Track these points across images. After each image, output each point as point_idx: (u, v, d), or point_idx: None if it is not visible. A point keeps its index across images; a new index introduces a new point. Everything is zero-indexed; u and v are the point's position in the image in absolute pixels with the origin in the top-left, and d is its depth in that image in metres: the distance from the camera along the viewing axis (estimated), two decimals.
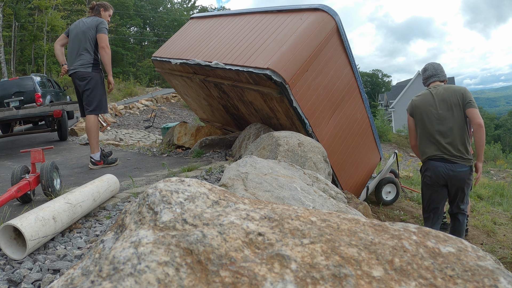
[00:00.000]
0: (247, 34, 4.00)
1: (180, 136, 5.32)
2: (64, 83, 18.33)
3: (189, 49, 4.72)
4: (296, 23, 3.60)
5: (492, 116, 53.40)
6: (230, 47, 3.97)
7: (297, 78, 3.33)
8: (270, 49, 3.46)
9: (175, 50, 5.08)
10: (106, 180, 2.33)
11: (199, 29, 5.16)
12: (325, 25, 3.55)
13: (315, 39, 3.47)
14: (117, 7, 29.20)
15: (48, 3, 19.03)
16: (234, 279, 0.67)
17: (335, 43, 3.67)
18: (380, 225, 0.84)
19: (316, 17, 3.57)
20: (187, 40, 5.09)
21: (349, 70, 3.89)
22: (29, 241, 1.42)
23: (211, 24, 4.99)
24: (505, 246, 3.84)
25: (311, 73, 3.48)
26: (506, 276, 0.67)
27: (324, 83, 3.63)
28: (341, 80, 3.83)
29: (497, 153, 19.10)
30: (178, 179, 1.01)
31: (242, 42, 3.90)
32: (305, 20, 3.56)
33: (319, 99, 3.59)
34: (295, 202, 1.68)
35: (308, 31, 3.47)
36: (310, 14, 3.64)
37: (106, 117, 13.25)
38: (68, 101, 9.18)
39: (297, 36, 3.43)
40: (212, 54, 4.10)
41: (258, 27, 3.98)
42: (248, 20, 4.33)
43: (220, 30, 4.57)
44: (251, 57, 3.55)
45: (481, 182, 8.14)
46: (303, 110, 3.41)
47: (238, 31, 4.20)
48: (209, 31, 4.81)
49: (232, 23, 4.54)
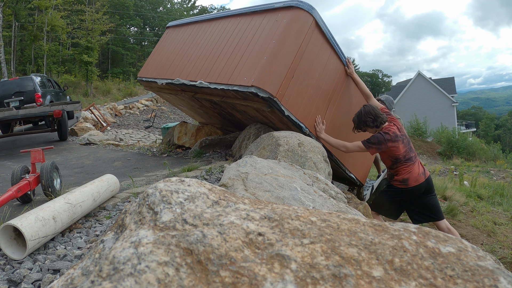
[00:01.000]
0: (226, 44, 3.86)
1: (180, 136, 5.33)
2: (64, 83, 18.36)
3: (172, 65, 4.60)
4: (273, 27, 3.43)
5: (492, 116, 53.40)
6: (212, 61, 3.86)
7: (284, 88, 3.21)
8: (251, 61, 3.33)
9: (158, 66, 4.93)
10: (106, 180, 2.33)
11: (178, 40, 4.98)
12: (303, 23, 3.36)
13: (295, 42, 3.30)
14: (117, 7, 29.20)
15: (48, 3, 19.02)
16: (234, 279, 0.67)
17: (317, 38, 3.49)
18: (380, 225, 0.84)
19: (292, 16, 3.36)
20: (169, 53, 4.93)
21: (335, 59, 3.73)
22: (29, 241, 1.42)
23: (189, 33, 4.81)
24: (505, 246, 3.84)
25: (298, 77, 3.34)
26: (506, 276, 0.67)
27: (313, 83, 3.52)
28: (329, 72, 3.70)
29: (497, 153, 19.10)
30: (178, 179, 1.01)
31: (222, 54, 3.78)
32: (281, 22, 3.38)
33: (311, 99, 3.51)
34: (295, 202, 1.68)
35: (286, 34, 3.29)
36: (285, 13, 3.42)
37: (106, 117, 13.24)
38: (68, 101, 9.19)
39: (276, 43, 3.27)
40: (195, 71, 4.00)
41: (236, 33, 3.84)
42: (224, 26, 4.17)
43: (199, 41, 4.44)
44: (234, 72, 3.43)
45: (481, 182, 8.14)
46: (297, 116, 3.36)
47: (217, 40, 4.06)
48: (188, 42, 4.66)
49: (209, 31, 4.38)
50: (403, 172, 2.94)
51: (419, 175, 2.94)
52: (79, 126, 9.86)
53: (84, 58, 20.82)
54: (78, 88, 20.69)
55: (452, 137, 19.44)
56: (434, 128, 22.56)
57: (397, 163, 2.96)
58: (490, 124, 47.35)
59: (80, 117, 11.63)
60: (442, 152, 18.98)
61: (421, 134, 23.04)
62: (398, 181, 2.98)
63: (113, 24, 25.15)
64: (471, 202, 5.61)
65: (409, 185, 2.93)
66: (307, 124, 3.47)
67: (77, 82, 21.53)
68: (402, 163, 2.94)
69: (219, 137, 4.79)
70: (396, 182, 3.00)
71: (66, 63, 24.03)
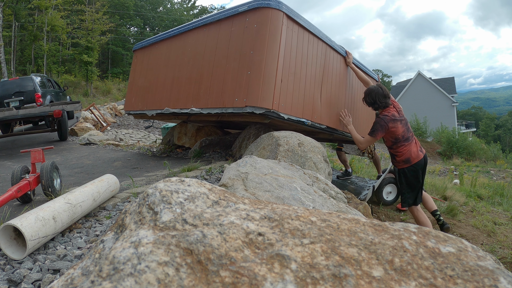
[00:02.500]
0: (203, 62, 3.68)
1: (180, 136, 5.32)
2: (64, 83, 18.36)
3: (156, 93, 4.42)
4: (245, 35, 3.25)
5: (492, 116, 53.43)
6: (196, 84, 3.71)
7: (278, 96, 3.13)
8: (236, 79, 3.21)
9: (143, 97, 4.74)
10: (106, 180, 2.33)
11: (152, 64, 4.69)
12: (275, 22, 3.16)
13: (273, 45, 3.14)
14: (117, 7, 29.19)
15: (48, 3, 19.02)
16: (234, 279, 0.67)
17: (294, 30, 3.34)
18: (380, 225, 0.84)
19: (261, 19, 3.18)
20: (148, 81, 4.70)
21: (316, 41, 3.64)
22: (29, 241, 1.42)
23: (160, 55, 4.53)
24: (505, 246, 3.84)
25: (287, 78, 3.25)
26: (506, 276, 0.67)
27: (303, 73, 3.43)
28: (315, 56, 3.61)
29: (497, 153, 19.11)
30: (178, 179, 1.01)
31: (205, 75, 3.61)
32: (252, 28, 3.21)
33: (305, 91, 3.47)
34: (295, 202, 1.68)
35: (262, 41, 3.13)
36: (254, 17, 3.24)
37: (106, 117, 13.25)
38: (68, 101, 9.19)
39: (255, 53, 3.11)
40: (183, 97, 3.87)
41: (209, 48, 3.63)
42: (194, 40, 3.92)
43: (173, 62, 4.22)
44: (222, 93, 3.32)
45: (481, 182, 8.14)
46: (297, 115, 3.35)
47: (192, 59, 3.86)
48: (163, 65, 4.41)
49: (181, 49, 4.13)
50: (404, 151, 3.30)
51: (418, 152, 3.33)
52: (79, 126, 9.85)
53: (84, 58, 20.83)
54: (78, 88, 20.71)
55: (452, 137, 19.46)
56: (434, 128, 22.56)
57: (397, 143, 3.30)
58: (490, 124, 47.37)
59: (80, 117, 11.63)
60: (442, 152, 18.99)
61: (421, 134, 23.04)
62: (402, 161, 3.33)
63: (113, 24, 25.16)
64: (471, 202, 5.61)
65: (412, 163, 3.30)
66: (308, 116, 3.48)
67: (77, 82, 21.54)
68: (401, 143, 3.29)
69: (219, 137, 4.79)
70: (401, 164, 3.35)
71: (66, 63, 24.03)
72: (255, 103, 3.06)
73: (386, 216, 4.44)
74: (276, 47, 3.16)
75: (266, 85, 3.10)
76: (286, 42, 3.23)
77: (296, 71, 3.38)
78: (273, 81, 3.13)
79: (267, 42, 3.14)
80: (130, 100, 5.13)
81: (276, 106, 3.13)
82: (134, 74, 5.15)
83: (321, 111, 3.74)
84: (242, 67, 3.21)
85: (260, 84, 3.09)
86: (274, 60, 3.14)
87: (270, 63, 3.13)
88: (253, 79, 3.11)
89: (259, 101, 3.05)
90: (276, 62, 3.15)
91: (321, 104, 3.70)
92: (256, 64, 3.12)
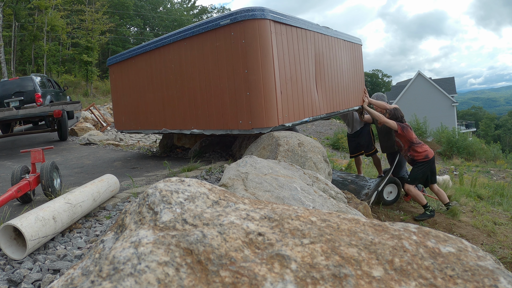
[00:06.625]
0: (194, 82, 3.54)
1: (180, 137, 5.32)
2: (64, 83, 18.35)
3: (150, 114, 4.25)
4: (235, 53, 3.10)
5: (492, 116, 53.42)
6: (192, 105, 3.59)
7: (280, 110, 3.09)
8: (235, 101, 3.13)
9: (135, 117, 4.58)
10: (106, 180, 2.33)
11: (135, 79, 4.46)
12: (263, 34, 3.03)
13: (267, 59, 3.04)
14: (117, 7, 29.19)
15: (48, 3, 19.03)
16: (234, 279, 0.67)
17: (283, 33, 3.24)
18: (380, 225, 0.84)
19: (249, 34, 3.02)
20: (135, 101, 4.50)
21: (306, 32, 3.58)
22: (29, 241, 1.42)
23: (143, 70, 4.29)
24: (505, 246, 3.84)
25: (285, 86, 3.20)
26: (506, 276, 0.67)
27: (299, 72, 3.41)
28: (307, 49, 3.59)
29: (497, 153, 19.10)
30: (178, 179, 1.01)
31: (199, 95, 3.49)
32: (241, 45, 3.07)
33: (303, 90, 3.48)
34: (295, 202, 1.68)
35: (255, 58, 3.02)
36: (239, 31, 3.07)
37: (106, 117, 13.24)
38: (68, 101, 9.19)
39: (250, 71, 3.01)
40: (179, 118, 3.77)
41: (198, 66, 3.48)
42: (177, 56, 3.73)
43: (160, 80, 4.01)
44: (224, 115, 3.25)
45: (481, 182, 8.14)
46: (299, 118, 3.36)
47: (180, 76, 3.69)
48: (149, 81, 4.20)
49: (163, 65, 3.93)
50: (421, 150, 4.23)
51: (430, 149, 4.31)
52: (79, 126, 9.85)
53: (84, 58, 20.83)
54: (78, 88, 20.69)
55: (452, 137, 19.44)
56: (434, 128, 22.55)
57: (412, 145, 4.26)
58: (490, 124, 47.36)
59: (80, 117, 11.63)
60: (442, 152, 18.98)
61: (421, 134, 23.04)
62: (423, 156, 4.22)
63: (113, 24, 25.15)
64: (471, 202, 5.61)
65: (430, 157, 4.24)
66: (308, 114, 3.55)
67: (77, 82, 21.52)
68: (415, 145, 4.26)
69: (219, 137, 4.79)
70: (421, 158, 4.22)
71: (66, 63, 24.02)
72: (261, 124, 3.05)
73: (386, 216, 4.43)
74: (270, 61, 3.05)
75: (269, 103, 3.06)
76: (278, 50, 3.14)
77: (292, 74, 3.36)
78: (274, 97, 3.08)
79: (260, 59, 3.02)
80: (120, 119, 4.94)
81: (281, 120, 3.15)
82: (117, 92, 4.95)
83: (319, 103, 3.77)
84: (239, 87, 3.12)
85: (262, 104, 3.04)
86: (271, 76, 3.06)
87: (267, 81, 3.05)
88: (254, 101, 3.05)
89: (265, 122, 3.05)
90: (273, 78, 3.07)
91: (319, 95, 3.73)
92: (253, 84, 3.04)
